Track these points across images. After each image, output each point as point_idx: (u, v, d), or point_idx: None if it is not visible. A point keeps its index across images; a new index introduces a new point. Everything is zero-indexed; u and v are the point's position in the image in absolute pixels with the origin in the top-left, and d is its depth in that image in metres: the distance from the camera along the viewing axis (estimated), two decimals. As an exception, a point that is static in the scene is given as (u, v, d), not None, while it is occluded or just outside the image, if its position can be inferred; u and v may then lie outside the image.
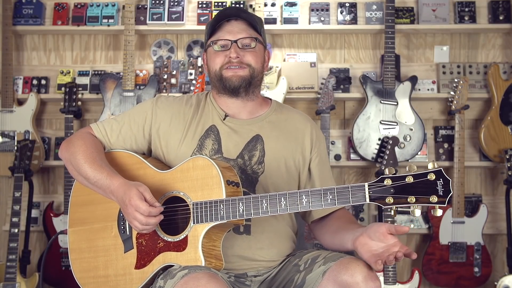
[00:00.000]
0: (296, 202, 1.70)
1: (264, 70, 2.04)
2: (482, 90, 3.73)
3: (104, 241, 1.90)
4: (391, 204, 1.63)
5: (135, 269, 1.84)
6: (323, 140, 2.09)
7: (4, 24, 3.73)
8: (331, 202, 1.68)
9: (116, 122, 2.01)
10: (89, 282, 1.91)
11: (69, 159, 1.94)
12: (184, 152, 1.95)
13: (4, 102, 3.68)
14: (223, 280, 1.68)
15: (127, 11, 3.62)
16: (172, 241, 1.80)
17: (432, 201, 1.60)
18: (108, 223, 1.90)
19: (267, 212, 1.72)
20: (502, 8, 3.75)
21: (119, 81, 3.65)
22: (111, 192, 1.82)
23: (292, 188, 2.01)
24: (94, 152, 1.91)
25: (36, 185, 3.72)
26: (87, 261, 1.92)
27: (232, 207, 1.74)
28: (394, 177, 1.62)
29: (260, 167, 1.96)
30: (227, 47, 1.95)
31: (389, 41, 3.57)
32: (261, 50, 2.02)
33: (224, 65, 1.95)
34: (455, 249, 3.56)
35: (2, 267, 3.40)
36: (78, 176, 1.92)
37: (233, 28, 1.96)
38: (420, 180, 1.60)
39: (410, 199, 1.61)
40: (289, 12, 3.75)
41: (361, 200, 1.66)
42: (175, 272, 1.71)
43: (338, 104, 3.73)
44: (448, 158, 3.71)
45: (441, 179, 1.60)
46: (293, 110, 2.14)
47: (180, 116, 2.00)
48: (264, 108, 2.07)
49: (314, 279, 1.79)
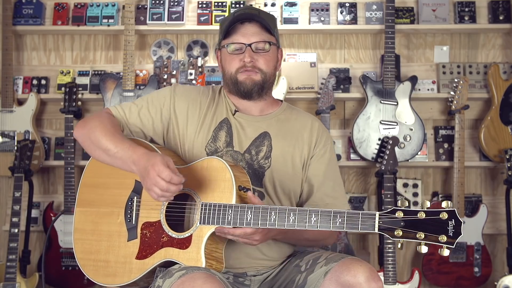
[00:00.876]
0: (305, 220, 1.71)
1: (276, 70, 2.08)
2: (482, 90, 3.73)
3: (109, 227, 1.91)
4: (399, 237, 1.62)
5: (135, 259, 1.85)
6: (330, 141, 2.09)
7: (4, 24, 3.73)
8: (340, 226, 1.68)
9: (135, 105, 2.04)
10: (88, 264, 1.92)
11: (87, 135, 1.94)
12: (200, 143, 1.97)
13: (4, 102, 3.68)
14: (220, 281, 1.68)
15: (127, 11, 3.62)
16: (176, 238, 1.81)
17: (441, 240, 1.58)
18: (115, 209, 1.91)
19: (274, 225, 1.73)
20: (502, 8, 3.75)
21: (119, 81, 3.65)
22: (133, 161, 1.81)
23: (296, 186, 2.02)
24: (112, 128, 1.92)
25: (36, 185, 3.72)
26: (89, 243, 1.93)
27: (240, 214, 1.74)
28: (406, 211, 1.62)
29: (266, 162, 1.98)
30: (241, 50, 1.99)
31: (389, 41, 3.57)
32: (274, 52, 2.05)
33: (239, 68, 1.99)
34: (455, 249, 3.56)
35: (2, 267, 3.40)
36: (96, 150, 1.91)
37: (247, 31, 1.99)
38: (431, 218, 1.59)
39: (419, 235, 1.60)
40: (289, 12, 3.75)
41: (369, 229, 1.65)
42: (174, 272, 1.72)
43: (338, 104, 3.73)
44: (448, 158, 3.71)
45: (453, 219, 1.58)
46: (302, 112, 2.16)
47: (197, 105, 2.03)
48: (274, 107, 2.10)
49: (316, 280, 1.79)
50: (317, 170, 2.04)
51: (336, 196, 2.04)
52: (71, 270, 3.53)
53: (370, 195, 3.79)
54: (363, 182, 3.83)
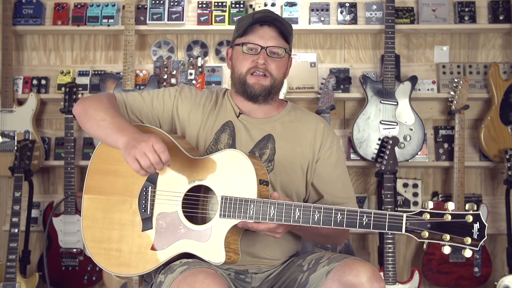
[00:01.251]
0: (330, 218, 1.71)
1: (285, 77, 2.07)
2: (482, 90, 3.73)
3: (121, 215, 1.88)
4: (426, 239, 1.66)
5: (151, 249, 1.83)
6: (336, 142, 2.08)
7: (4, 24, 3.73)
8: (366, 225, 1.69)
9: (140, 96, 2.04)
10: (99, 252, 1.89)
11: (88, 105, 1.94)
12: (201, 144, 1.97)
13: (4, 102, 3.68)
14: (221, 277, 1.69)
15: (127, 11, 3.62)
16: (195, 230, 1.79)
17: (465, 242, 1.63)
18: (128, 198, 1.88)
19: (299, 222, 1.73)
20: (502, 8, 3.75)
21: (119, 81, 3.65)
22: (124, 132, 1.80)
23: (299, 188, 2.02)
24: (111, 107, 1.93)
25: (36, 185, 3.72)
26: (100, 231, 1.90)
27: (263, 209, 1.74)
28: (433, 213, 1.65)
29: (269, 165, 1.97)
30: (256, 51, 1.97)
31: (389, 41, 3.57)
32: (286, 59, 2.05)
33: (250, 69, 1.98)
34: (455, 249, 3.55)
35: (2, 267, 3.40)
36: (91, 120, 1.90)
37: (265, 34, 1.98)
38: (457, 221, 1.64)
39: (444, 236, 1.64)
40: (289, 12, 3.75)
41: (397, 229, 1.67)
42: (175, 267, 1.72)
43: (338, 104, 3.73)
44: (448, 158, 3.71)
45: (478, 222, 1.63)
46: (307, 112, 2.15)
47: (200, 109, 2.02)
48: (279, 109, 2.09)
49: (318, 279, 1.80)
50: (324, 173, 2.03)
51: (345, 197, 2.03)
52: (71, 270, 3.53)
53: (370, 195, 3.79)
54: (363, 182, 3.83)
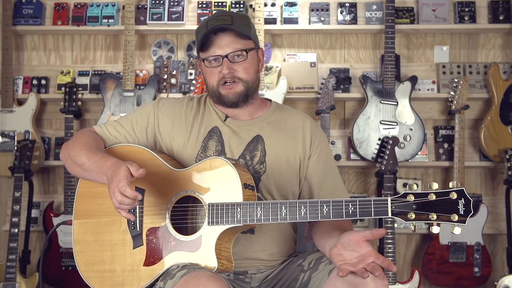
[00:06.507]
0: (317, 211, 1.71)
1: (259, 72, 2.04)
2: (482, 90, 3.73)
3: (112, 236, 1.89)
4: (413, 220, 1.65)
5: (144, 266, 1.84)
6: (324, 137, 2.09)
7: (4, 24, 3.73)
8: (352, 214, 1.69)
9: (119, 124, 2.03)
10: (93, 275, 1.89)
11: (68, 153, 1.95)
12: (189, 155, 1.96)
13: (4, 102, 3.69)
14: (222, 279, 1.68)
15: (127, 11, 3.62)
16: (185, 241, 1.80)
17: (452, 219, 1.62)
18: (117, 218, 1.88)
19: (286, 219, 1.74)
20: (502, 8, 3.75)
21: (119, 81, 3.65)
22: (103, 172, 1.80)
23: (294, 186, 2.01)
24: (91, 142, 1.93)
25: (36, 185, 3.72)
26: (92, 255, 1.91)
27: (249, 211, 1.75)
28: (417, 194, 1.65)
29: (262, 167, 1.97)
30: (219, 61, 1.94)
31: (389, 41, 3.57)
32: (253, 56, 2.00)
33: (219, 80, 1.95)
34: (455, 249, 3.56)
35: (2, 267, 3.40)
36: (75, 167, 1.92)
37: (221, 42, 1.94)
38: (442, 198, 1.63)
39: (431, 216, 1.64)
40: (289, 12, 3.75)
41: (383, 214, 1.67)
42: (174, 272, 1.72)
43: (338, 104, 3.73)
44: (448, 158, 3.71)
45: (462, 198, 1.63)
46: (292, 110, 2.14)
47: (182, 119, 2.01)
48: (263, 109, 2.08)
49: (320, 277, 1.80)
50: (316, 169, 2.03)
51: (337, 191, 2.04)
52: (71, 270, 3.53)
53: (370, 195, 3.79)
54: (363, 182, 3.83)
